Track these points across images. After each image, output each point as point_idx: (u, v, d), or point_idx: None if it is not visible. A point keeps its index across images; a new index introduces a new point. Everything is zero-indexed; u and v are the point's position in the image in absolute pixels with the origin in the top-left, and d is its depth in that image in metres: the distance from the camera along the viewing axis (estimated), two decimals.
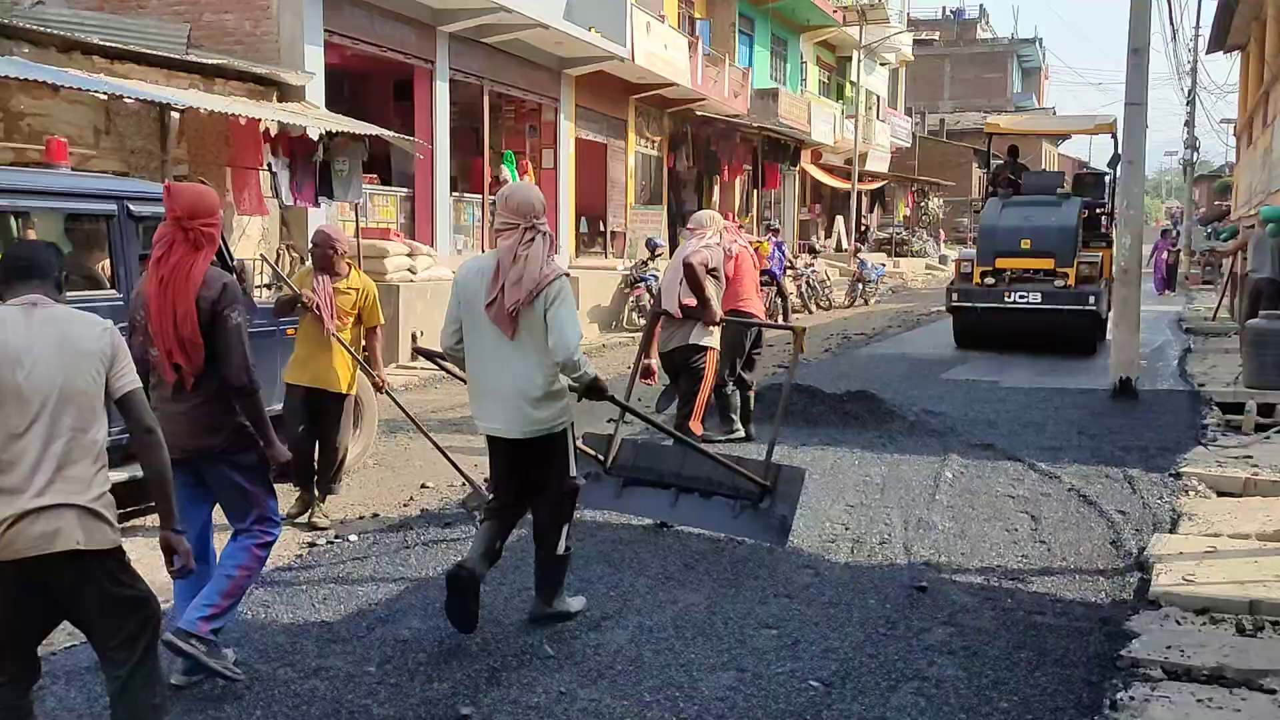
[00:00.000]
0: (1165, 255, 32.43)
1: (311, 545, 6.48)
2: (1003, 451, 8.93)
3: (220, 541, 4.60)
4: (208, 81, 12.98)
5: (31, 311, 3.15)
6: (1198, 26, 38.01)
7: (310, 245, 7.08)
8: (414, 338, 8.64)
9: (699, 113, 28.23)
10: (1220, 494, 7.71)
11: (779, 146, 33.39)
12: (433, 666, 4.58)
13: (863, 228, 40.22)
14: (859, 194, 36.78)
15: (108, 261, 6.70)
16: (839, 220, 39.13)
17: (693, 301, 7.29)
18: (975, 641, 4.88)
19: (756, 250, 19.91)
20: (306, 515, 6.98)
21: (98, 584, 3.18)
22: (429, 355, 5.93)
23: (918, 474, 8.06)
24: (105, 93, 10.11)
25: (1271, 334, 11.84)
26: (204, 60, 12.99)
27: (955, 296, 16.35)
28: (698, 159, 29.50)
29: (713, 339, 7.42)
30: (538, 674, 4.51)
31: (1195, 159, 45.29)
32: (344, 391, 7.06)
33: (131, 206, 6.60)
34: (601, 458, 6.39)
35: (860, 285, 26.84)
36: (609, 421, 6.11)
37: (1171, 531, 6.58)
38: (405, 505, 7.44)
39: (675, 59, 24.84)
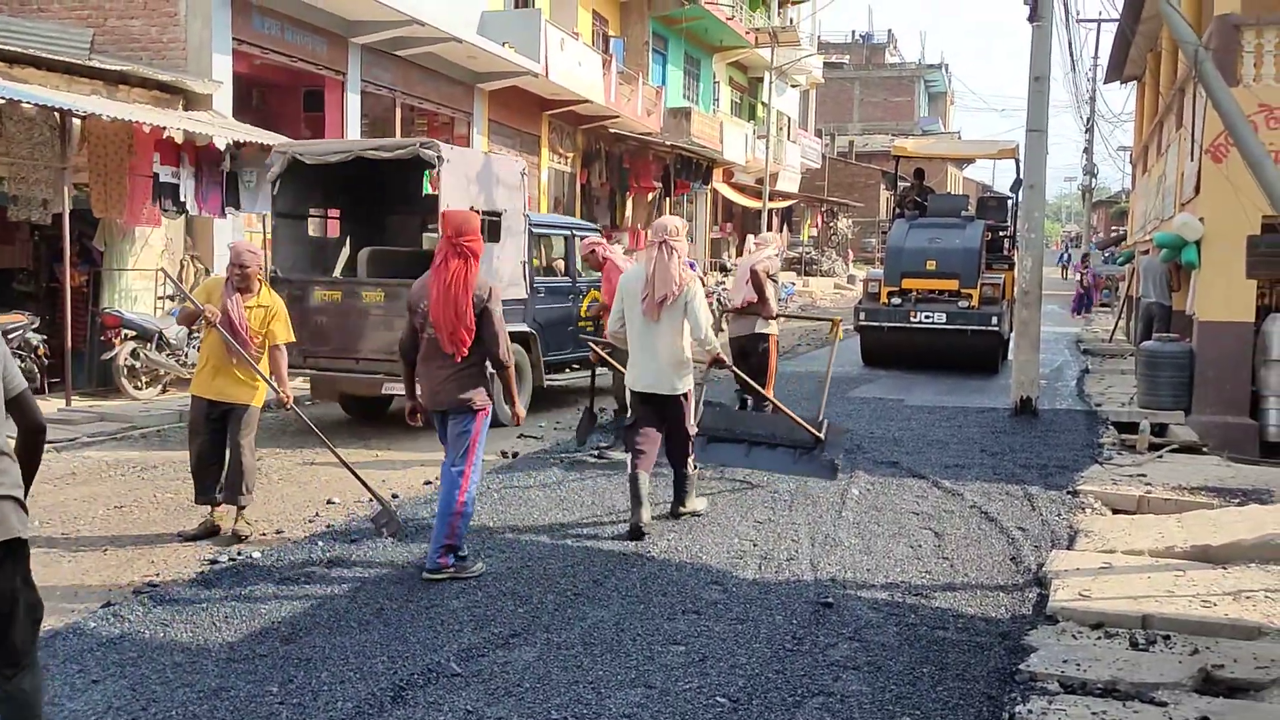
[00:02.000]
0: (1080, 277, 33.20)
1: (213, 562, 6.33)
2: (907, 469, 9.09)
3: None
4: (111, 88, 12.70)
5: None
6: (1096, 57, 39.10)
7: (228, 265, 6.90)
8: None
9: (612, 130, 28.33)
10: (1115, 511, 7.93)
11: (691, 165, 33.63)
12: (336, 686, 4.51)
13: None
14: (770, 213, 37.17)
15: (563, 262, 12.26)
16: (750, 238, 39.46)
17: (755, 298, 9.25)
18: (879, 657, 4.95)
19: None
20: (230, 526, 6.87)
21: (22, 576, 3.22)
22: (589, 339, 9.26)
23: (825, 491, 8.15)
24: (0, 97, 9.83)
25: (1164, 357, 12.26)
26: (107, 66, 12.70)
27: (863, 316, 16.64)
28: (611, 175, 29.56)
29: (772, 327, 9.49)
30: (444, 692, 4.46)
31: (1093, 185, 46.63)
32: (249, 403, 6.93)
33: (576, 231, 12.42)
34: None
35: None
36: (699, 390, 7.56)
37: (1069, 548, 6.75)
38: (310, 521, 7.32)
39: (589, 76, 24.91)
